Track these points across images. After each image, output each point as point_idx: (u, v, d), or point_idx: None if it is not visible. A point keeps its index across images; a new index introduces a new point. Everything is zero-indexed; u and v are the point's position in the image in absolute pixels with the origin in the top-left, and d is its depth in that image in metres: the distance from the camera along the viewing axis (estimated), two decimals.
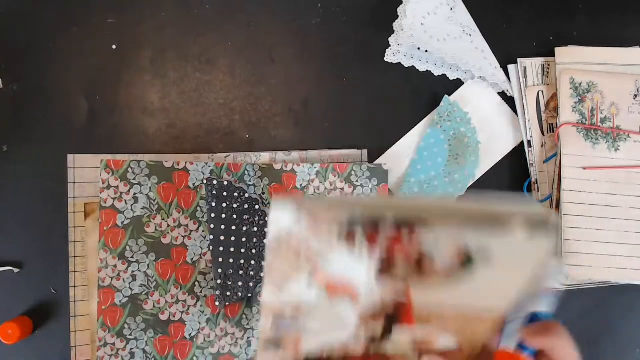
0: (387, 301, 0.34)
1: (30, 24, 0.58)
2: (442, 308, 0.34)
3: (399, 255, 0.32)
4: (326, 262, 0.33)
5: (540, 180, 0.60)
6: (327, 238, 0.32)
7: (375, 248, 0.32)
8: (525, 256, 0.32)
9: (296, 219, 0.31)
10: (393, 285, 0.33)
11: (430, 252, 0.32)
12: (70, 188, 0.55)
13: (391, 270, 0.33)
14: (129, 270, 0.54)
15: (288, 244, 0.32)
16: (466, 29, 0.60)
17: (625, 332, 0.61)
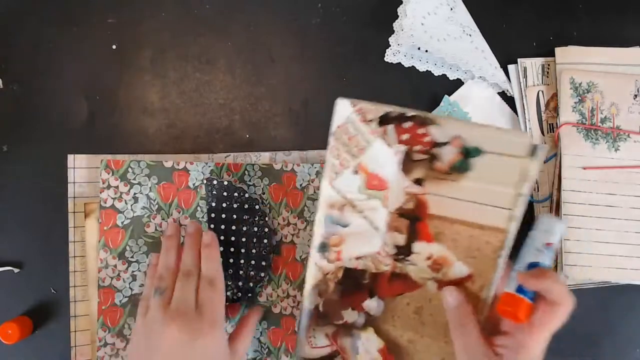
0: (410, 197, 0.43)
1: (30, 24, 0.58)
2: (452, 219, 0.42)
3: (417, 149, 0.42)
4: (367, 154, 0.42)
5: (540, 180, 0.60)
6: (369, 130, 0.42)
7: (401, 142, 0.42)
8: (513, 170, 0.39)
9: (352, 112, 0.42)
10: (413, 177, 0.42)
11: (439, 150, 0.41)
12: (70, 188, 0.55)
13: (411, 165, 0.42)
14: (129, 270, 0.54)
15: (346, 130, 0.42)
16: (466, 29, 0.60)
17: (625, 332, 0.61)
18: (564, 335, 0.60)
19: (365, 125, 0.42)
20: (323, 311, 0.46)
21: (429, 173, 0.42)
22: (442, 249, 0.43)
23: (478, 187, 0.41)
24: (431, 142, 0.41)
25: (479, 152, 0.40)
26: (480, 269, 0.42)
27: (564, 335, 0.60)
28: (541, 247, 0.42)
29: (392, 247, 0.44)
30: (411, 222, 0.43)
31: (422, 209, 0.43)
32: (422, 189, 0.42)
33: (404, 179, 0.43)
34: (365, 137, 0.42)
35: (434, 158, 0.41)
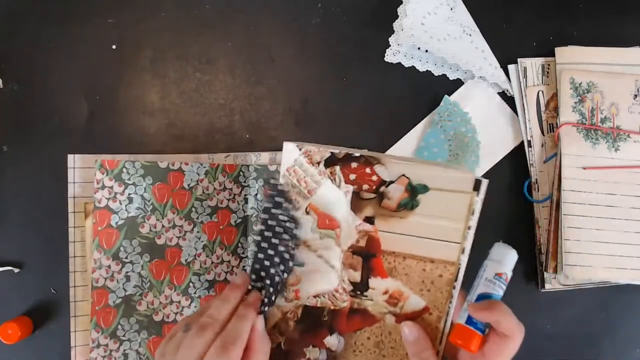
0: (362, 234, 0.43)
1: (30, 24, 0.58)
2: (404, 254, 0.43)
3: (366, 188, 0.43)
4: (317, 194, 0.43)
5: (540, 180, 0.60)
6: (317, 172, 0.43)
7: (349, 182, 0.43)
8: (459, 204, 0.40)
9: (299, 154, 0.42)
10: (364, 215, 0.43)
11: (386, 189, 0.42)
12: (70, 188, 0.55)
13: (361, 203, 0.43)
14: (122, 270, 0.54)
15: (295, 173, 0.43)
16: (466, 29, 0.60)
17: (625, 332, 0.61)
18: (564, 335, 0.60)
19: (313, 167, 0.43)
20: (285, 349, 0.46)
21: (378, 211, 0.43)
22: (397, 283, 0.44)
23: (427, 222, 0.42)
24: (378, 180, 0.42)
25: (425, 189, 0.41)
26: (436, 300, 0.43)
27: (564, 335, 0.60)
28: (492, 277, 0.42)
29: (348, 283, 0.45)
30: (365, 259, 0.44)
31: (374, 245, 0.44)
32: (373, 227, 0.43)
33: (354, 217, 0.43)
34: (314, 178, 0.43)
35: (382, 196, 0.42)
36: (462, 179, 0.40)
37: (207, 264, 0.56)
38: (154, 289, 0.54)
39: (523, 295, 0.60)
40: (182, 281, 0.55)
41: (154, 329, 0.54)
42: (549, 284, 0.59)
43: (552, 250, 0.57)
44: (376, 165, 0.42)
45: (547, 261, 0.58)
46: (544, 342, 0.60)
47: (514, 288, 0.59)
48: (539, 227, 0.59)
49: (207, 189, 0.56)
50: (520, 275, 0.60)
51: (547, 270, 0.58)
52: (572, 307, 0.60)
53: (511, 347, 0.39)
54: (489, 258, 0.43)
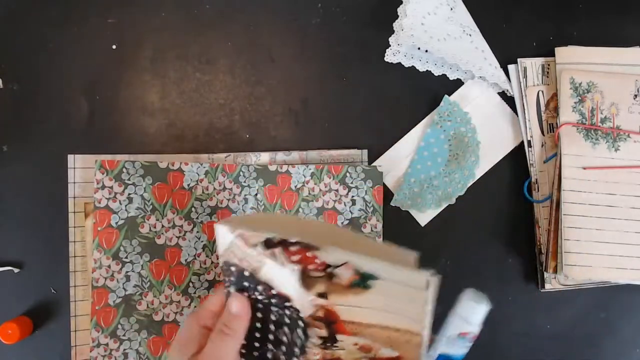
0: (318, 308, 0.39)
1: (30, 24, 0.58)
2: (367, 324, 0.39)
3: (312, 268, 0.38)
4: (262, 272, 0.39)
5: (540, 180, 0.60)
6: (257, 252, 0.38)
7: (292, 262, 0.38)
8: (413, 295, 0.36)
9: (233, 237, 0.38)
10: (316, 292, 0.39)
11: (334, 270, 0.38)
12: (70, 188, 0.55)
13: (310, 280, 0.39)
14: (122, 270, 0.54)
15: (234, 254, 0.39)
16: (466, 29, 0.60)
17: (625, 332, 0.61)
18: (564, 335, 0.60)
19: (251, 249, 0.39)
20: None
21: (330, 288, 0.39)
22: (365, 340, 0.41)
23: (383, 300, 0.39)
24: (323, 263, 0.38)
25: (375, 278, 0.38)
26: (406, 354, 0.40)
27: (564, 335, 0.60)
28: (455, 337, 0.40)
29: (316, 338, 0.42)
30: (326, 324, 0.41)
31: (333, 316, 0.40)
32: (328, 301, 0.40)
33: (307, 293, 0.40)
34: (255, 258, 0.39)
35: (331, 276, 0.39)
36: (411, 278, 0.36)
37: (207, 264, 0.56)
38: (154, 289, 0.54)
39: (523, 295, 0.60)
40: (182, 281, 0.55)
41: (154, 329, 0.54)
42: (549, 284, 0.59)
43: (552, 250, 0.57)
44: (316, 251, 0.38)
45: (547, 261, 0.58)
46: (544, 342, 0.60)
47: (514, 288, 0.60)
48: (539, 227, 0.59)
49: (207, 189, 0.56)
50: (520, 275, 0.60)
51: (547, 270, 0.58)
52: (572, 307, 0.60)
53: None
54: (455, 312, 0.40)
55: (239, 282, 0.40)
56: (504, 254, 0.60)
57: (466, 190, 0.60)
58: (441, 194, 0.59)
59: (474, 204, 0.60)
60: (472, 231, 0.60)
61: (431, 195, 0.59)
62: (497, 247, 0.60)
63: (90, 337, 0.53)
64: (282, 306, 0.41)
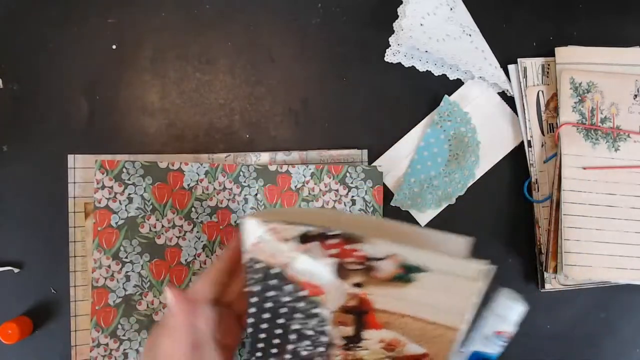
0: (351, 296, 0.38)
1: (30, 24, 0.58)
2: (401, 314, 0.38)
3: (350, 261, 0.37)
4: (293, 266, 0.38)
5: (540, 180, 0.60)
6: (290, 247, 0.37)
7: (329, 255, 0.37)
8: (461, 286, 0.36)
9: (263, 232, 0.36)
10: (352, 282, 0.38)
11: (375, 263, 0.36)
12: (70, 188, 0.55)
13: (347, 272, 0.38)
14: (122, 270, 0.54)
15: (263, 249, 0.37)
16: (466, 29, 0.60)
17: (625, 332, 0.61)
18: (564, 335, 0.60)
19: (283, 244, 0.37)
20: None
21: (368, 280, 0.38)
22: (393, 334, 0.40)
23: (425, 294, 0.37)
24: (364, 256, 0.37)
25: (421, 270, 0.36)
26: (435, 352, 0.39)
27: (564, 335, 0.60)
28: (490, 335, 0.39)
29: (340, 339, 0.40)
30: (356, 316, 0.40)
31: (365, 305, 0.39)
32: (363, 291, 0.38)
33: (342, 283, 0.38)
34: (286, 254, 0.37)
35: (371, 269, 0.37)
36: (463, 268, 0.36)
37: (207, 264, 0.56)
38: (154, 289, 0.54)
39: (523, 295, 0.60)
40: (182, 281, 0.55)
41: None
42: (549, 284, 0.59)
43: (552, 250, 0.57)
44: (358, 243, 0.36)
45: (547, 261, 0.58)
46: (544, 342, 0.60)
47: (514, 288, 0.60)
48: (539, 227, 0.59)
49: (207, 189, 0.56)
50: (520, 275, 0.60)
51: (547, 270, 0.58)
52: (572, 307, 0.60)
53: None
54: (491, 310, 0.39)
55: (264, 280, 0.38)
56: (504, 254, 0.60)
57: (466, 190, 0.60)
58: (441, 194, 0.59)
59: (474, 204, 0.60)
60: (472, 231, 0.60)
61: (431, 195, 0.59)
62: (497, 247, 0.60)
63: (90, 337, 0.53)
64: (308, 313, 0.39)
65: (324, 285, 0.38)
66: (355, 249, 0.36)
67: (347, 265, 0.37)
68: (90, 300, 0.53)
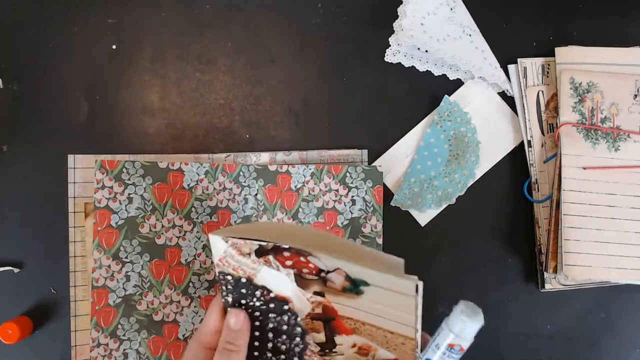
0: (316, 304, 0.40)
1: (30, 24, 0.58)
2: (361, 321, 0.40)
3: (306, 272, 0.39)
4: (258, 278, 0.40)
5: (540, 180, 0.60)
6: (250, 261, 0.39)
7: (286, 267, 0.39)
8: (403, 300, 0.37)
9: (227, 247, 0.39)
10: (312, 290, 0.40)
11: (327, 275, 0.39)
12: (70, 188, 0.55)
13: (306, 282, 0.40)
14: (122, 270, 0.54)
15: (229, 263, 0.39)
16: (466, 29, 0.60)
17: (625, 332, 0.61)
18: (564, 335, 0.60)
19: (244, 257, 0.40)
20: None
21: (325, 290, 0.40)
22: (363, 339, 0.41)
23: (376, 307, 0.39)
24: (316, 268, 0.39)
25: (366, 284, 0.38)
26: (402, 357, 0.41)
27: (564, 335, 0.60)
28: (444, 347, 0.40)
29: (315, 345, 0.43)
30: (325, 322, 0.42)
31: (331, 312, 0.41)
32: (325, 299, 0.40)
33: (303, 293, 0.41)
34: (249, 266, 0.40)
35: (325, 280, 0.39)
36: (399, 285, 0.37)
37: (207, 264, 0.56)
38: (153, 289, 0.54)
39: (523, 295, 0.60)
40: (182, 281, 0.55)
41: (153, 329, 0.54)
42: (549, 284, 0.59)
43: (552, 250, 0.57)
44: (309, 256, 0.38)
45: (547, 261, 0.58)
46: (544, 342, 0.60)
47: (514, 288, 0.60)
48: (539, 227, 0.59)
49: (206, 189, 0.56)
50: (520, 275, 0.60)
51: (547, 270, 0.58)
52: (572, 307, 0.60)
53: None
54: (446, 322, 0.40)
55: (236, 289, 0.41)
56: (504, 254, 0.60)
57: (466, 190, 0.60)
58: (441, 194, 0.59)
59: (474, 204, 0.60)
60: (472, 231, 0.60)
61: (431, 195, 0.59)
62: (497, 247, 0.60)
63: (90, 337, 0.53)
64: (280, 311, 0.41)
65: (289, 295, 0.40)
66: (308, 260, 0.38)
67: (305, 275, 0.39)
68: (90, 300, 0.53)
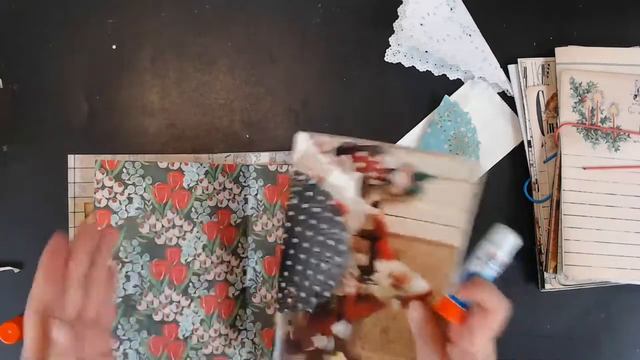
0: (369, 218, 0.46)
1: (30, 24, 0.58)
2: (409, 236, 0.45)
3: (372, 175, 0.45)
4: (327, 183, 0.46)
5: (540, 180, 0.60)
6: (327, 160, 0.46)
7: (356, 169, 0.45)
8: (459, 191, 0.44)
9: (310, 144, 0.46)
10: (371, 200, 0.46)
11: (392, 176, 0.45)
12: (70, 188, 0.55)
13: (368, 189, 0.46)
14: (122, 270, 0.54)
15: (306, 162, 0.46)
16: (466, 29, 0.60)
17: (625, 332, 0.61)
18: (564, 335, 0.60)
19: (323, 156, 0.46)
20: (294, 339, 0.47)
21: (384, 196, 0.46)
22: (401, 266, 0.46)
23: (430, 208, 0.45)
24: (384, 168, 0.45)
25: (428, 177, 0.45)
26: (438, 285, 0.45)
27: (564, 335, 0.60)
28: (484, 257, 0.44)
29: (355, 268, 0.47)
30: (371, 242, 0.46)
31: (380, 228, 0.46)
32: (380, 211, 0.46)
33: (362, 202, 0.46)
34: (323, 167, 0.46)
35: (388, 183, 0.45)
36: (460, 169, 0.44)
37: (206, 264, 0.56)
38: (153, 289, 0.54)
39: (523, 295, 0.60)
40: (182, 281, 0.55)
41: (153, 329, 0.54)
42: (549, 284, 0.59)
43: (552, 250, 0.57)
44: (382, 154, 0.45)
45: (547, 261, 0.58)
46: (544, 342, 0.60)
47: (514, 288, 0.60)
48: (539, 227, 0.59)
49: (206, 189, 0.56)
50: (521, 275, 0.60)
51: (547, 270, 0.58)
52: (572, 307, 0.60)
53: (493, 322, 0.41)
54: (486, 237, 0.44)
55: (303, 192, 0.47)
56: None
57: None
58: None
59: None
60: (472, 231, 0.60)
61: None
62: None
63: None
64: (332, 222, 0.46)
65: (348, 203, 0.46)
66: (377, 161, 0.45)
67: (369, 181, 0.46)
68: None
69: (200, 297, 0.55)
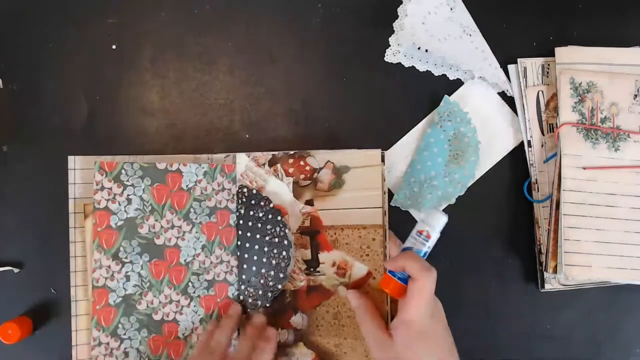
0: (305, 216, 0.54)
1: (30, 24, 0.58)
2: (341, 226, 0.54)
3: (302, 177, 0.54)
4: (266, 190, 0.54)
5: (540, 180, 0.60)
6: (264, 171, 0.54)
7: (288, 175, 0.54)
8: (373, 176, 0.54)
9: (248, 160, 0.54)
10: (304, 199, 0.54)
11: (318, 175, 0.54)
12: (70, 189, 0.55)
13: (300, 190, 0.55)
14: (122, 270, 0.54)
15: (247, 176, 0.54)
16: (466, 29, 0.60)
17: (625, 332, 0.61)
18: (564, 335, 0.60)
19: (260, 168, 0.54)
20: None
21: (315, 194, 0.55)
22: (341, 254, 0.54)
23: (354, 195, 0.54)
24: (311, 169, 0.54)
25: (347, 169, 0.54)
26: (375, 264, 0.53)
27: (564, 335, 0.60)
28: (415, 234, 0.52)
29: (302, 262, 0.54)
30: (311, 237, 0.54)
31: (317, 223, 0.54)
32: (313, 208, 0.54)
33: (297, 202, 0.55)
34: (262, 177, 0.54)
35: (316, 181, 0.55)
36: (370, 156, 0.54)
37: (205, 264, 0.56)
38: (153, 289, 0.54)
39: (523, 295, 0.60)
40: (181, 281, 0.55)
41: (153, 328, 0.54)
42: (549, 284, 0.59)
43: (552, 250, 0.57)
44: (307, 157, 0.54)
45: (547, 261, 0.58)
46: (544, 342, 0.60)
47: (514, 288, 0.60)
48: (539, 227, 0.59)
49: (205, 190, 0.56)
50: (520, 275, 0.60)
51: (547, 270, 0.58)
52: (572, 307, 0.60)
53: (423, 289, 0.45)
54: (419, 218, 0.52)
55: (248, 201, 0.55)
56: (504, 254, 0.60)
57: (466, 190, 0.60)
58: (441, 194, 0.59)
59: (474, 204, 0.60)
60: (472, 231, 0.60)
61: (431, 195, 0.59)
62: (497, 247, 0.60)
63: (92, 336, 0.53)
64: (275, 222, 0.54)
65: (286, 205, 0.54)
66: (305, 163, 0.54)
67: (301, 182, 0.54)
68: (90, 300, 0.53)
69: (200, 296, 0.55)
